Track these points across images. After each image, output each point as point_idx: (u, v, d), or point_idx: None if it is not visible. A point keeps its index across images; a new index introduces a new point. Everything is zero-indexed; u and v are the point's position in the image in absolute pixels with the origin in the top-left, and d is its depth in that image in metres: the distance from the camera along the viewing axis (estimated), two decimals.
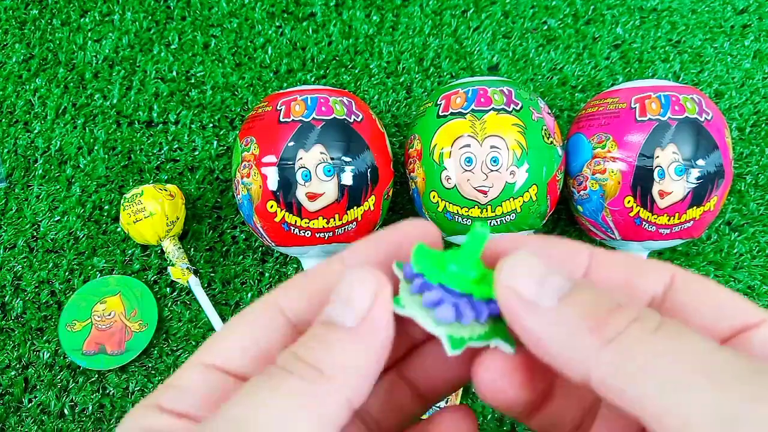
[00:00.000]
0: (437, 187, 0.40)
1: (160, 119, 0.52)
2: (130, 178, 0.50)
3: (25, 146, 0.51)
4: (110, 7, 0.55)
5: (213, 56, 0.54)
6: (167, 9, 0.55)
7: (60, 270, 0.48)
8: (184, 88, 0.53)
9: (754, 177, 0.50)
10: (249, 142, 0.41)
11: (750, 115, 0.52)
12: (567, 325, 0.14)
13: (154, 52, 0.54)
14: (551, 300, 0.14)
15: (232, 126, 0.52)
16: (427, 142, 0.41)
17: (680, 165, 0.38)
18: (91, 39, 0.54)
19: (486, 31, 0.54)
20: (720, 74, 0.53)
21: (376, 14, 0.55)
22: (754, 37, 0.54)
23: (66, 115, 0.52)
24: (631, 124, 0.40)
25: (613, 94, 0.42)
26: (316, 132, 0.39)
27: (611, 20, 0.55)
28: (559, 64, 0.54)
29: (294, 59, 0.54)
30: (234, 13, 0.55)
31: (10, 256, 0.48)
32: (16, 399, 0.45)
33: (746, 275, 0.47)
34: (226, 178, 0.50)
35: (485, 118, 0.39)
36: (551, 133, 0.41)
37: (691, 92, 0.40)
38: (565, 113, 0.52)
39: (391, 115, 0.52)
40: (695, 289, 0.15)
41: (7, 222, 0.49)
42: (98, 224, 0.49)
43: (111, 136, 0.51)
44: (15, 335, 0.46)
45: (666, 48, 0.54)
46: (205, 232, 0.49)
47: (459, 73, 0.53)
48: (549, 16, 0.55)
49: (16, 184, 0.50)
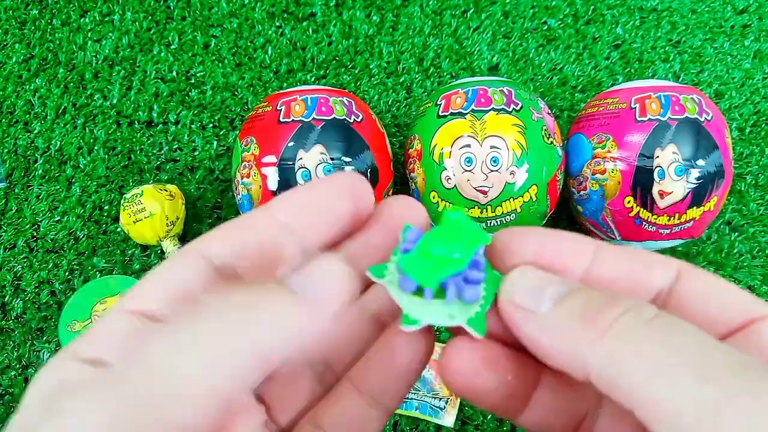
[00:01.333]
0: (437, 187, 0.40)
1: (160, 119, 0.52)
2: (130, 178, 0.50)
3: (25, 146, 0.51)
4: (110, 7, 0.55)
5: (213, 56, 0.54)
6: (167, 9, 0.55)
7: (60, 270, 0.48)
8: (184, 88, 0.53)
9: (754, 177, 0.50)
10: (249, 142, 0.41)
11: (750, 115, 0.52)
12: (562, 325, 0.14)
13: (154, 52, 0.54)
14: (547, 305, 0.15)
15: (232, 126, 0.52)
16: (427, 142, 0.41)
17: (680, 165, 0.38)
18: (91, 39, 0.54)
19: (486, 31, 0.54)
20: (720, 74, 0.53)
21: (376, 14, 0.55)
22: (754, 37, 0.54)
23: (66, 115, 0.52)
24: (631, 124, 0.40)
25: (613, 94, 0.42)
26: (316, 132, 0.39)
27: (611, 20, 0.55)
28: (559, 64, 0.54)
29: (294, 59, 0.54)
30: (234, 13, 0.55)
31: (10, 256, 0.48)
32: (16, 399, 0.45)
33: (746, 275, 0.47)
34: (226, 178, 0.50)
35: (485, 118, 0.39)
36: (551, 133, 0.41)
37: (691, 92, 0.40)
38: (565, 113, 0.52)
39: (391, 115, 0.52)
40: (701, 283, 0.15)
41: (7, 222, 0.49)
42: (98, 224, 0.49)
43: (111, 136, 0.51)
44: (15, 335, 0.46)
45: (666, 48, 0.54)
46: (204, 232, 0.49)
47: (459, 73, 0.53)
48: (549, 16, 0.55)
49: (16, 184, 0.50)
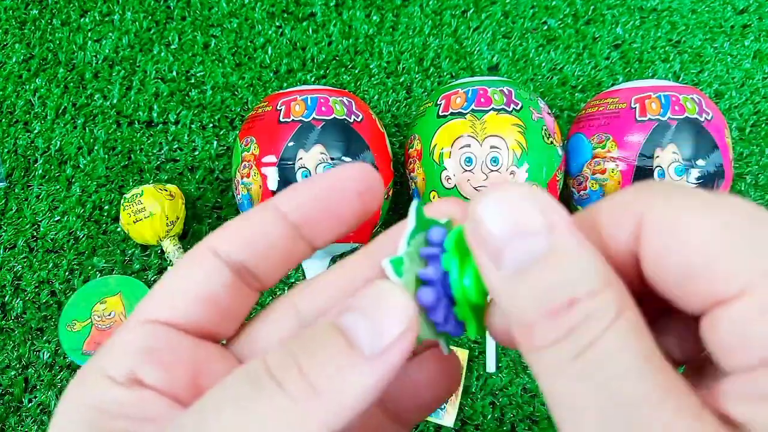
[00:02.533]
0: (437, 187, 0.40)
1: (160, 119, 0.52)
2: (130, 178, 0.50)
3: (25, 146, 0.51)
4: (110, 7, 0.55)
5: (213, 56, 0.54)
6: (167, 9, 0.55)
7: (60, 270, 0.48)
8: (184, 88, 0.53)
9: (754, 177, 0.50)
10: (249, 142, 0.41)
11: (750, 115, 0.52)
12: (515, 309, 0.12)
13: (154, 52, 0.54)
14: (508, 268, 0.12)
15: (232, 126, 0.52)
16: (427, 142, 0.41)
17: (680, 165, 0.38)
18: (91, 39, 0.54)
19: (486, 31, 0.54)
20: (720, 74, 0.53)
21: (376, 14, 0.55)
22: (754, 37, 0.54)
23: (66, 115, 0.52)
24: (631, 124, 0.40)
25: (613, 94, 0.42)
26: (316, 132, 0.39)
27: (611, 20, 0.55)
28: (559, 64, 0.54)
29: (294, 59, 0.54)
30: (234, 13, 0.55)
31: (10, 256, 0.48)
32: (16, 399, 0.45)
33: None
34: (226, 178, 0.50)
35: (485, 118, 0.39)
36: (551, 133, 0.41)
37: (691, 92, 0.40)
38: (565, 113, 0.52)
39: (391, 115, 0.52)
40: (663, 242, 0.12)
41: (7, 222, 0.49)
42: (98, 224, 0.49)
43: (111, 136, 0.51)
44: (15, 335, 0.46)
45: (666, 48, 0.54)
46: (205, 232, 0.49)
47: (459, 73, 0.53)
48: (549, 16, 0.55)
49: (16, 184, 0.50)
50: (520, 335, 0.12)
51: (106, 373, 0.14)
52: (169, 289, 0.15)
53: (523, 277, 0.12)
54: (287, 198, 0.16)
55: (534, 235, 0.12)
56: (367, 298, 0.14)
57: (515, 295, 0.12)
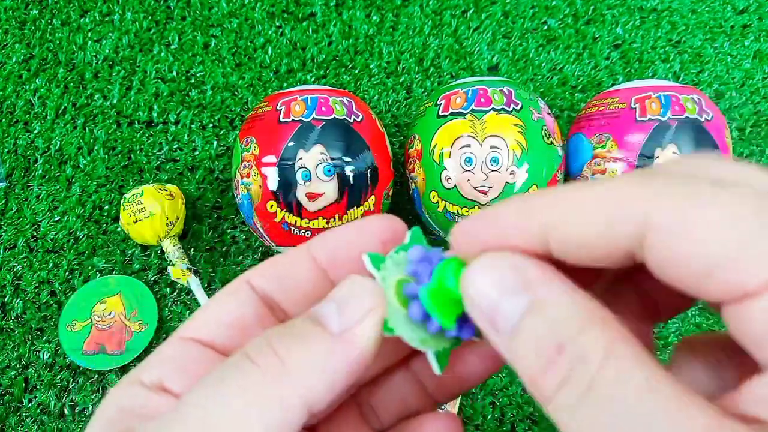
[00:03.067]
0: (437, 187, 0.40)
1: (160, 119, 0.52)
2: (130, 178, 0.50)
3: (25, 146, 0.51)
4: (110, 7, 0.55)
5: (213, 56, 0.54)
6: (167, 9, 0.55)
7: (60, 270, 0.48)
8: (184, 88, 0.53)
9: None
10: (249, 142, 0.41)
11: (750, 115, 0.52)
12: (520, 366, 0.13)
13: (154, 52, 0.54)
14: (504, 331, 0.14)
15: (232, 126, 0.52)
16: (427, 142, 0.41)
17: None
18: (91, 39, 0.54)
19: (486, 31, 0.54)
20: (720, 74, 0.53)
21: (376, 14, 0.55)
22: (754, 37, 0.54)
23: (66, 115, 0.52)
24: (631, 125, 0.40)
25: (613, 94, 0.42)
26: (316, 132, 0.39)
27: (611, 20, 0.55)
28: (559, 64, 0.54)
29: (294, 59, 0.54)
30: (234, 13, 0.55)
31: (10, 256, 0.48)
32: (16, 399, 0.45)
33: None
34: (226, 178, 0.50)
35: (485, 118, 0.39)
36: (551, 133, 0.41)
37: (691, 92, 0.40)
38: (565, 113, 0.52)
39: (391, 115, 0.52)
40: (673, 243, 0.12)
41: (7, 222, 0.49)
42: (98, 224, 0.49)
43: (111, 136, 0.51)
44: (15, 335, 0.46)
45: (666, 48, 0.54)
46: (205, 232, 0.49)
47: (459, 73, 0.53)
48: (549, 16, 0.55)
49: (16, 184, 0.50)
50: (531, 389, 0.13)
51: (139, 379, 0.16)
52: (208, 313, 0.17)
53: (516, 335, 0.13)
54: (318, 243, 0.17)
55: (515, 295, 0.13)
56: (340, 289, 0.15)
57: (516, 353, 0.13)
